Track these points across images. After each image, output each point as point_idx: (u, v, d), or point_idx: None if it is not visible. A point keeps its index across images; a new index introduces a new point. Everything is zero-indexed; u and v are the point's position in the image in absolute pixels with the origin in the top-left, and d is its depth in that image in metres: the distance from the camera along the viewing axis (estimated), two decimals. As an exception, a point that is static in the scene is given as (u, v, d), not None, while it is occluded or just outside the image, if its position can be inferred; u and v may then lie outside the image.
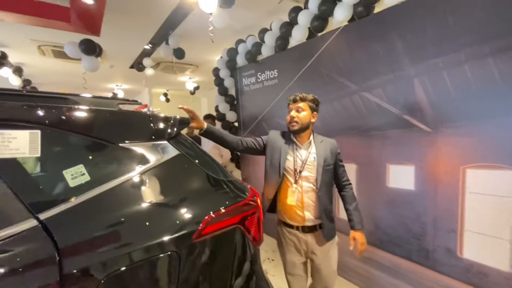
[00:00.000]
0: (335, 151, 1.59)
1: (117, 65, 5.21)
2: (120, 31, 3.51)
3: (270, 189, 1.60)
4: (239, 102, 3.78)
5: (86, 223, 0.81)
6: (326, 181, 1.53)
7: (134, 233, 0.86)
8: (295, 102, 1.54)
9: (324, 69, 2.52)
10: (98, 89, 7.65)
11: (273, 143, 1.61)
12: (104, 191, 0.86)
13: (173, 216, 0.95)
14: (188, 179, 1.07)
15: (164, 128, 1.08)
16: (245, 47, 3.45)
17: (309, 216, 1.51)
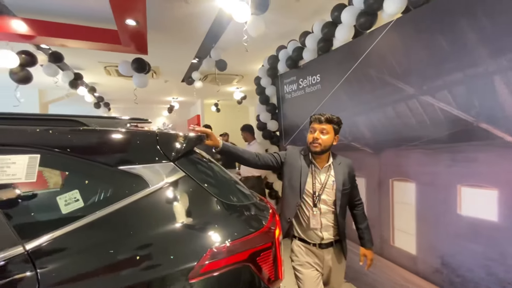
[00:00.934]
0: (352, 173, 1.59)
1: (171, 80, 5.61)
2: (168, 49, 3.74)
3: (289, 210, 1.56)
4: (281, 110, 3.62)
5: (72, 256, 0.76)
6: (343, 204, 1.54)
7: (121, 271, 0.77)
8: (320, 122, 1.48)
9: (373, 70, 2.18)
10: (158, 102, 8.42)
11: (292, 161, 1.56)
12: (94, 220, 0.80)
13: (168, 249, 0.84)
14: (191, 205, 0.96)
15: (171, 147, 0.99)
16: (286, 53, 3.29)
17: (327, 235, 1.52)
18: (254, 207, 1.14)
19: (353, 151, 2.42)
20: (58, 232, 0.76)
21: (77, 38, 2.65)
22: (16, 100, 3.41)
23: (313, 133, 1.48)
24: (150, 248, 0.83)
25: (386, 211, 2.13)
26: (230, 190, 1.14)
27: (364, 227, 1.63)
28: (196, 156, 1.12)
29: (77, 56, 3.95)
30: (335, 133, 1.52)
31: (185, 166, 1.00)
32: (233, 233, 0.94)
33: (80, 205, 0.81)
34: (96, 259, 0.77)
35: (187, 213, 0.94)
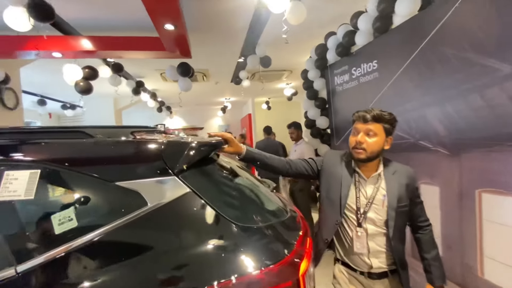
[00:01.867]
0: (413, 186, 1.22)
1: (221, 81, 5.71)
2: (213, 51, 3.75)
3: (327, 229, 1.28)
4: (331, 105, 3.24)
5: (60, 281, 0.68)
6: (400, 225, 1.19)
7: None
8: (366, 122, 1.15)
9: (449, 48, 1.68)
10: (212, 104, 8.78)
11: (331, 169, 1.29)
12: (85, 242, 0.72)
13: (162, 283, 0.71)
14: (193, 229, 0.81)
15: (176, 159, 0.86)
16: (335, 40, 2.90)
17: (378, 263, 1.20)
18: (281, 228, 0.94)
19: (422, 152, 1.95)
20: (48, 254, 0.70)
21: (129, 49, 2.84)
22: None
23: (356, 135, 1.17)
24: (138, 280, 0.70)
25: (470, 231, 1.63)
26: (250, 208, 0.96)
27: (432, 258, 1.23)
28: (209, 167, 0.97)
29: (137, 66, 4.32)
30: (386, 134, 1.17)
31: (191, 180, 0.85)
32: (243, 266, 0.75)
33: (73, 225, 0.74)
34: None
35: (187, 239, 0.79)
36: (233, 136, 1.21)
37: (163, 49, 2.73)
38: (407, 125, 2.09)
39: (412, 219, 1.26)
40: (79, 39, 2.71)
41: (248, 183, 1.13)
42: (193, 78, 5.17)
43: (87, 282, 0.69)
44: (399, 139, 2.19)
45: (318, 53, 3.22)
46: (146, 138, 0.93)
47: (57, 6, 2.33)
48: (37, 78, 4.48)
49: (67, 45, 2.64)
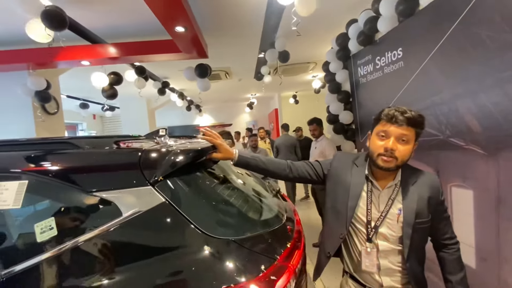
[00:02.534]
0: (437, 197, 1.03)
1: (244, 78, 5.69)
2: (232, 48, 3.74)
3: (330, 242, 1.15)
4: (355, 98, 3.01)
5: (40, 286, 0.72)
6: (419, 244, 1.04)
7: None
8: (400, 125, 0.96)
9: (484, 29, 1.43)
10: (239, 100, 8.84)
11: (340, 176, 1.14)
12: (63, 251, 0.75)
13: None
14: (164, 241, 0.79)
15: (154, 168, 0.85)
16: (357, 27, 2.68)
17: (390, 282, 1.06)
18: (265, 240, 0.89)
19: (454, 151, 1.71)
20: (30, 261, 0.75)
21: (148, 52, 2.95)
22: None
23: (386, 139, 0.98)
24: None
25: (509, 242, 1.39)
26: (230, 219, 0.92)
27: (457, 281, 1.04)
28: (192, 176, 0.95)
29: (163, 68, 4.50)
30: (416, 140, 1.00)
31: (168, 191, 0.84)
32: (212, 283, 0.72)
33: (54, 234, 0.78)
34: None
35: (159, 251, 0.77)
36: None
37: (178, 51, 2.78)
38: (436, 120, 1.85)
39: (436, 236, 1.09)
40: (103, 46, 2.89)
41: (239, 191, 1.09)
42: (216, 76, 5.24)
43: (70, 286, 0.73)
44: (428, 135, 1.95)
45: (339, 43, 3.01)
46: (128, 147, 0.94)
47: (81, 17, 2.51)
48: (78, 84, 4.92)
49: (93, 53, 2.83)
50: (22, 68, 3.02)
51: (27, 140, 0.96)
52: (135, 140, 1.08)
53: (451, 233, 1.08)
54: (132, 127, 6.85)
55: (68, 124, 8.13)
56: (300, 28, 3.42)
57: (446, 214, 1.07)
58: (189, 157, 0.91)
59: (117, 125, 8.83)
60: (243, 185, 1.21)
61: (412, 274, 1.04)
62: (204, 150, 1.02)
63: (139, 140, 1.09)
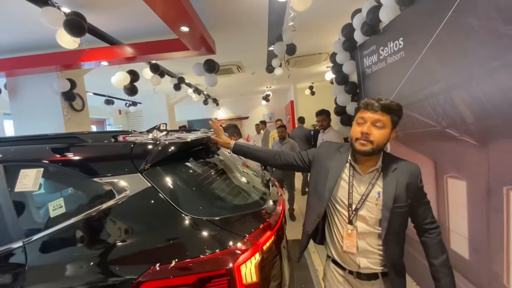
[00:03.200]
0: (415, 183, 1.10)
1: (257, 71, 5.76)
2: (240, 43, 3.82)
3: (310, 222, 1.25)
4: (362, 90, 2.99)
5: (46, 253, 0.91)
6: (397, 228, 1.10)
7: (75, 271, 0.87)
8: (374, 111, 1.05)
9: (476, 17, 1.40)
10: (255, 93, 8.91)
11: (322, 162, 1.22)
12: (68, 225, 0.93)
13: (116, 260, 0.87)
14: (149, 218, 0.94)
15: (142, 158, 1.00)
16: (361, 18, 2.64)
17: (366, 263, 1.13)
18: (238, 220, 1.01)
19: (449, 142, 1.70)
20: (45, 232, 0.94)
21: (160, 51, 3.13)
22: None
23: (362, 125, 1.06)
24: (101, 256, 0.89)
25: (497, 234, 1.39)
26: (208, 202, 1.05)
27: (440, 264, 1.09)
28: (178, 164, 1.09)
29: (179, 64, 4.71)
30: (393, 126, 1.07)
31: (154, 177, 0.99)
32: (184, 252, 0.87)
33: (63, 211, 0.96)
34: (61, 257, 0.90)
35: (142, 226, 0.93)
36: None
37: (187, 49, 2.93)
38: (434, 111, 1.83)
39: (416, 221, 1.14)
40: (120, 47, 3.12)
41: (222, 180, 1.22)
42: (229, 70, 5.36)
43: (73, 252, 0.92)
44: (425, 126, 1.94)
45: (345, 34, 2.98)
46: (124, 140, 1.10)
47: (98, 21, 2.73)
48: (102, 82, 5.30)
49: (111, 54, 3.07)
50: (51, 70, 3.36)
51: (42, 136, 1.16)
52: (132, 135, 1.24)
53: (431, 217, 1.13)
54: (153, 121, 7.23)
55: (96, 119, 8.75)
56: (308, 18, 3.42)
57: (425, 199, 1.13)
58: (172, 149, 1.06)
59: (140, 120, 9.33)
60: (229, 175, 1.34)
61: (388, 256, 1.10)
62: (188, 143, 1.16)
63: (135, 134, 1.25)
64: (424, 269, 1.29)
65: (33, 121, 3.57)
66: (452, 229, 1.77)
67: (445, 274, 1.08)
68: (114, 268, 0.87)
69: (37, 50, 3.24)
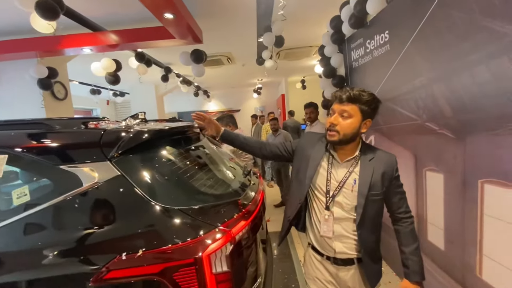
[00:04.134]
0: (391, 173, 1.13)
1: (247, 63, 5.69)
2: (229, 33, 3.75)
3: (291, 208, 1.28)
4: (349, 83, 2.99)
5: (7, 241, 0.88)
6: (372, 215, 1.13)
7: (37, 260, 0.84)
8: (341, 102, 1.10)
9: (458, 10, 1.40)
10: (246, 85, 8.82)
11: (304, 151, 1.25)
12: (33, 213, 0.90)
13: (82, 250, 0.85)
14: (117, 207, 0.92)
15: (112, 146, 0.97)
16: (349, 9, 2.62)
17: (342, 248, 1.17)
18: (211, 210, 1.00)
19: (429, 135, 1.72)
20: (9, 220, 0.90)
21: (146, 39, 3.04)
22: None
23: (331, 116, 1.12)
24: (67, 245, 0.86)
25: (471, 226, 1.43)
26: (179, 191, 1.03)
27: (410, 252, 1.13)
28: (150, 152, 1.06)
29: (167, 54, 4.59)
30: (364, 116, 1.09)
31: (124, 165, 0.96)
32: (152, 242, 0.85)
33: (27, 199, 0.92)
34: (26, 246, 0.87)
35: (110, 216, 0.91)
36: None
37: (172, 37, 2.85)
38: (415, 104, 1.85)
39: (391, 210, 1.18)
40: (103, 34, 3.00)
41: (198, 170, 1.20)
42: (218, 61, 5.27)
43: (38, 241, 0.89)
44: (407, 120, 1.96)
45: (333, 26, 2.96)
46: (95, 127, 1.06)
47: (80, 6, 2.62)
48: (88, 71, 5.14)
49: (93, 40, 2.96)
50: (32, 56, 3.22)
51: (8, 121, 1.10)
52: (107, 122, 1.20)
53: (406, 207, 1.17)
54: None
55: (83, 109, 8.52)
56: (297, 10, 3.37)
57: (401, 189, 1.17)
58: (145, 137, 1.02)
59: (128, 111, 9.14)
60: (208, 165, 1.32)
61: (362, 241, 1.13)
62: (163, 131, 1.12)
63: (110, 122, 1.21)
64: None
65: (13, 109, 3.44)
66: (429, 221, 1.81)
67: (414, 262, 1.12)
68: (80, 257, 0.85)
69: (15, 35, 3.10)
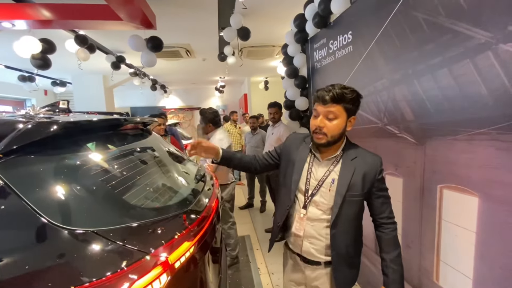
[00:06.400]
0: (374, 175, 1.07)
1: (208, 58, 5.40)
2: (189, 23, 3.45)
3: (280, 213, 1.23)
4: (310, 85, 2.94)
5: None
6: (350, 216, 1.09)
7: None
8: (325, 103, 1.03)
9: (422, 11, 1.37)
10: (207, 82, 8.47)
11: (289, 155, 1.21)
12: None
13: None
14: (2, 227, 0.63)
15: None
16: (313, 8, 2.55)
17: (309, 248, 1.13)
18: (143, 230, 0.76)
19: (389, 139, 1.69)
20: None
21: (86, 18, 2.59)
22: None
23: (316, 118, 1.06)
24: None
25: (429, 231, 1.41)
26: (102, 206, 0.77)
27: (390, 259, 1.07)
28: (56, 153, 0.77)
29: (116, 40, 4.06)
30: (348, 114, 1.04)
31: (10, 171, 0.67)
32: (46, 283, 0.58)
33: None
34: None
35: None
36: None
37: (119, 19, 2.47)
38: (377, 107, 1.82)
39: (373, 214, 1.13)
40: (30, 6, 2.48)
41: (126, 176, 0.94)
42: (176, 53, 4.89)
43: None
44: (368, 123, 1.93)
45: (297, 24, 2.88)
46: None
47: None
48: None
49: (16, 13, 2.42)
50: None
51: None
52: None
53: (389, 213, 1.10)
54: (86, 105, 6.30)
55: (12, 99, 7.30)
56: (261, 7, 3.23)
57: (384, 193, 1.10)
58: (47, 132, 0.74)
59: (71, 103, 8.10)
60: (144, 170, 1.06)
61: (335, 243, 1.08)
62: (79, 124, 0.85)
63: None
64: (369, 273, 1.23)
65: None
66: (387, 225, 1.79)
67: (394, 270, 1.06)
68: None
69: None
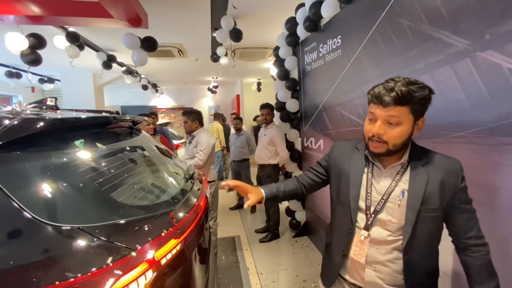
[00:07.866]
0: (455, 183, 0.84)
1: (201, 58, 5.39)
2: (182, 22, 3.44)
3: (342, 239, 0.98)
4: (301, 87, 2.99)
5: None
6: (425, 236, 0.85)
7: None
8: (386, 105, 0.80)
9: (406, 18, 1.43)
10: (199, 82, 8.44)
11: (339, 166, 1.01)
12: None
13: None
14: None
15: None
16: (304, 12, 2.60)
17: (373, 277, 0.90)
18: (129, 227, 0.77)
19: (375, 141, 1.73)
20: None
21: (77, 15, 2.56)
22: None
23: (373, 123, 0.84)
24: None
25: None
26: (88, 202, 0.77)
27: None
28: (44, 152, 0.78)
29: (108, 38, 4.01)
30: (416, 117, 0.81)
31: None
32: (31, 278, 0.59)
33: None
34: None
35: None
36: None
37: (110, 17, 2.45)
38: (364, 110, 1.87)
39: (455, 233, 0.88)
40: (20, 1, 2.44)
41: (126, 173, 0.95)
42: (168, 53, 4.87)
43: None
44: (355, 125, 1.98)
45: (289, 28, 2.92)
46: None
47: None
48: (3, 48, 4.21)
49: (5, 8, 2.37)
50: None
51: None
52: None
53: (477, 231, 0.85)
54: (75, 103, 6.19)
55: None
56: (254, 10, 3.26)
57: (468, 206, 0.86)
58: (33, 128, 0.74)
59: (59, 101, 7.93)
60: (133, 169, 1.07)
61: (409, 270, 0.86)
62: (67, 121, 0.85)
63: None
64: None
65: None
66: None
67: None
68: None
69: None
